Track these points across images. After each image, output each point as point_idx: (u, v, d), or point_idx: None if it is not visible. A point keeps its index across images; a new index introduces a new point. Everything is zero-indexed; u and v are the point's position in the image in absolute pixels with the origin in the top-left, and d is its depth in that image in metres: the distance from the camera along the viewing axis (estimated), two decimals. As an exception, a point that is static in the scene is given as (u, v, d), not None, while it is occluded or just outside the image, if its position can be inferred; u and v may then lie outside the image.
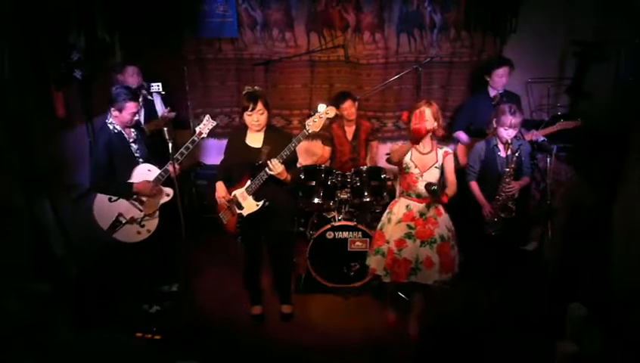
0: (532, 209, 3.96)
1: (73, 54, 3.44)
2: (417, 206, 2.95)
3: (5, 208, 2.74)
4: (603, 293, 3.12)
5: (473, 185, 3.35)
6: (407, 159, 2.93)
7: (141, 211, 3.11)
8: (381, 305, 3.46)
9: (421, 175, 2.90)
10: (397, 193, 3.13)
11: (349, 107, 3.99)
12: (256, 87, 3.06)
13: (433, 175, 2.88)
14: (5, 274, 2.65)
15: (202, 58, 4.54)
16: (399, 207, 3.01)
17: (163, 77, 4.08)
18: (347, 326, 3.34)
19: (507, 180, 3.17)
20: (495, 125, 3.20)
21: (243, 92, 3.03)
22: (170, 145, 2.87)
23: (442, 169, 2.91)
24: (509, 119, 3.09)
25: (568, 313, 2.88)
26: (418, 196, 2.94)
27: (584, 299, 2.93)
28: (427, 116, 2.78)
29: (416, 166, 2.91)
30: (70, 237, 3.18)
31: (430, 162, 2.89)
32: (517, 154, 3.16)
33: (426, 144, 2.90)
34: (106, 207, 3.06)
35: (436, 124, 2.81)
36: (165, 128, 2.91)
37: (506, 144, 3.17)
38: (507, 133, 3.13)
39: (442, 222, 2.96)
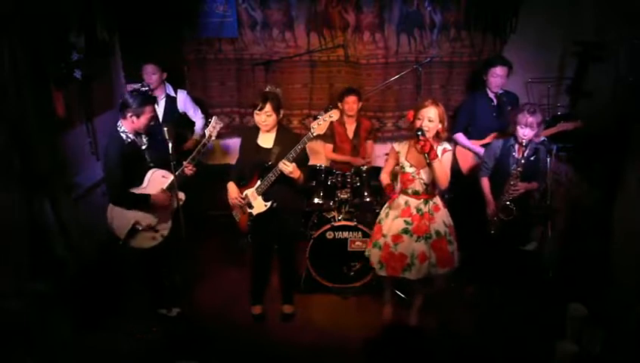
0: (532, 209, 3.96)
1: (73, 54, 3.44)
2: (414, 202, 2.97)
3: (5, 208, 2.74)
4: (603, 293, 3.12)
5: (484, 181, 3.35)
6: (402, 159, 2.95)
7: (155, 217, 3.10)
8: (380, 303, 3.46)
9: (417, 173, 2.91)
10: (397, 189, 3.15)
11: (351, 102, 3.98)
12: (274, 88, 3.09)
13: (429, 173, 2.87)
14: (5, 274, 2.65)
15: (202, 58, 4.53)
16: (397, 203, 3.03)
17: (168, 76, 4.07)
18: (347, 326, 3.34)
19: (512, 182, 3.16)
20: (514, 124, 3.19)
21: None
22: (170, 145, 2.86)
23: None
24: (526, 117, 3.07)
25: (568, 313, 2.88)
26: (415, 193, 2.96)
27: (584, 299, 2.93)
28: (433, 116, 2.79)
29: (411, 165, 2.92)
30: (70, 237, 3.17)
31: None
32: (532, 158, 3.15)
33: None
34: (122, 215, 3.01)
35: (440, 126, 2.82)
36: (165, 128, 2.89)
37: (521, 145, 3.16)
38: (522, 132, 3.11)
39: (438, 218, 2.98)
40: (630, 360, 2.66)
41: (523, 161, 3.14)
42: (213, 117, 3.19)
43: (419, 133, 2.72)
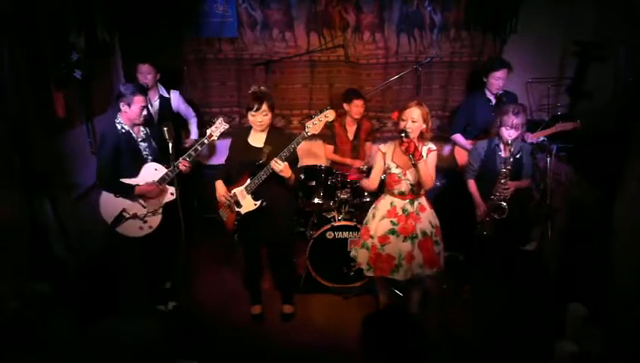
0: (532, 209, 3.96)
1: (72, 54, 3.44)
2: (400, 203, 2.98)
3: (5, 208, 2.74)
4: (603, 293, 3.12)
5: (471, 183, 3.36)
6: (388, 160, 2.95)
7: (144, 207, 3.12)
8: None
9: (404, 174, 2.92)
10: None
11: (359, 105, 4.01)
12: (262, 87, 3.08)
13: (415, 174, 2.87)
14: (5, 274, 2.65)
15: (202, 58, 4.53)
16: (384, 203, 3.05)
17: (162, 77, 4.07)
18: (347, 326, 3.34)
19: (502, 181, 3.17)
20: (498, 125, 3.20)
21: (250, 91, 3.06)
22: (170, 145, 2.86)
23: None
24: (511, 119, 3.10)
25: (568, 313, 2.88)
26: (401, 193, 2.97)
27: (584, 299, 2.94)
28: (416, 117, 2.80)
29: (397, 166, 2.93)
30: (70, 237, 3.18)
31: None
32: (517, 156, 3.15)
33: None
34: (111, 202, 3.08)
35: (424, 126, 2.84)
36: (165, 128, 2.90)
37: (507, 144, 3.17)
38: (508, 133, 3.13)
39: (424, 218, 2.99)
40: (630, 360, 2.65)
41: (511, 159, 3.14)
42: (219, 118, 3.18)
43: (403, 134, 2.74)
